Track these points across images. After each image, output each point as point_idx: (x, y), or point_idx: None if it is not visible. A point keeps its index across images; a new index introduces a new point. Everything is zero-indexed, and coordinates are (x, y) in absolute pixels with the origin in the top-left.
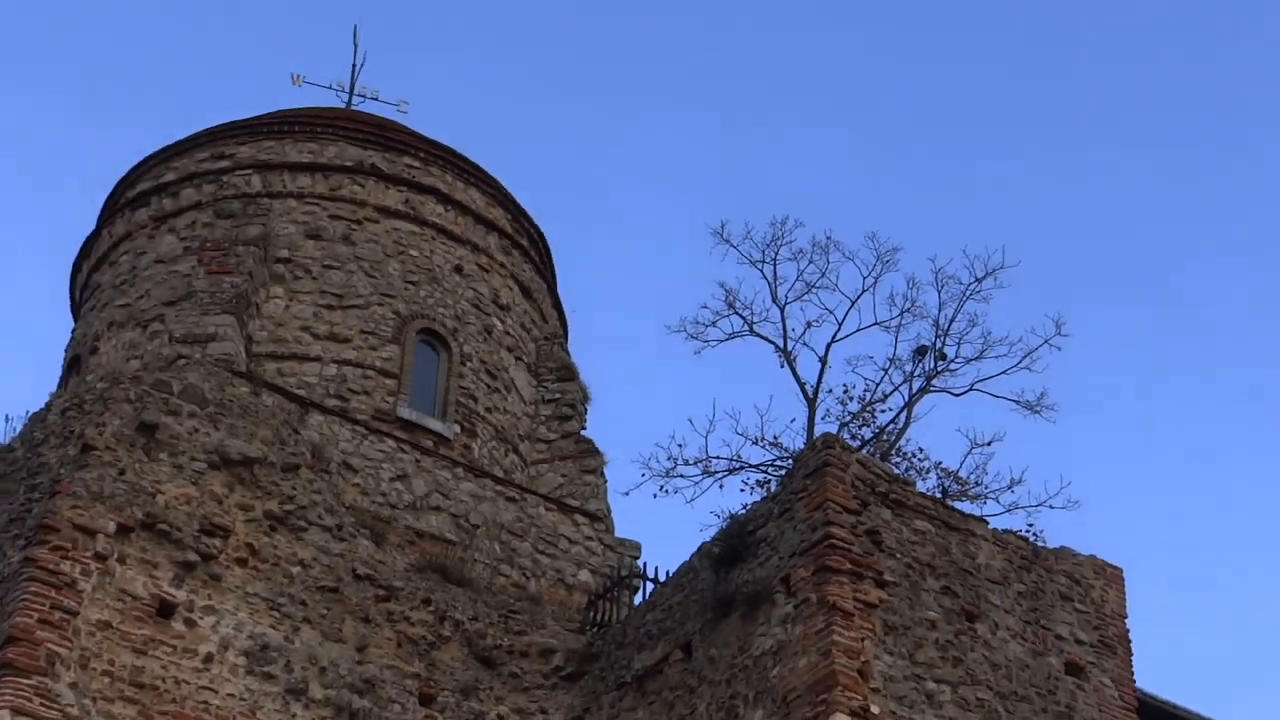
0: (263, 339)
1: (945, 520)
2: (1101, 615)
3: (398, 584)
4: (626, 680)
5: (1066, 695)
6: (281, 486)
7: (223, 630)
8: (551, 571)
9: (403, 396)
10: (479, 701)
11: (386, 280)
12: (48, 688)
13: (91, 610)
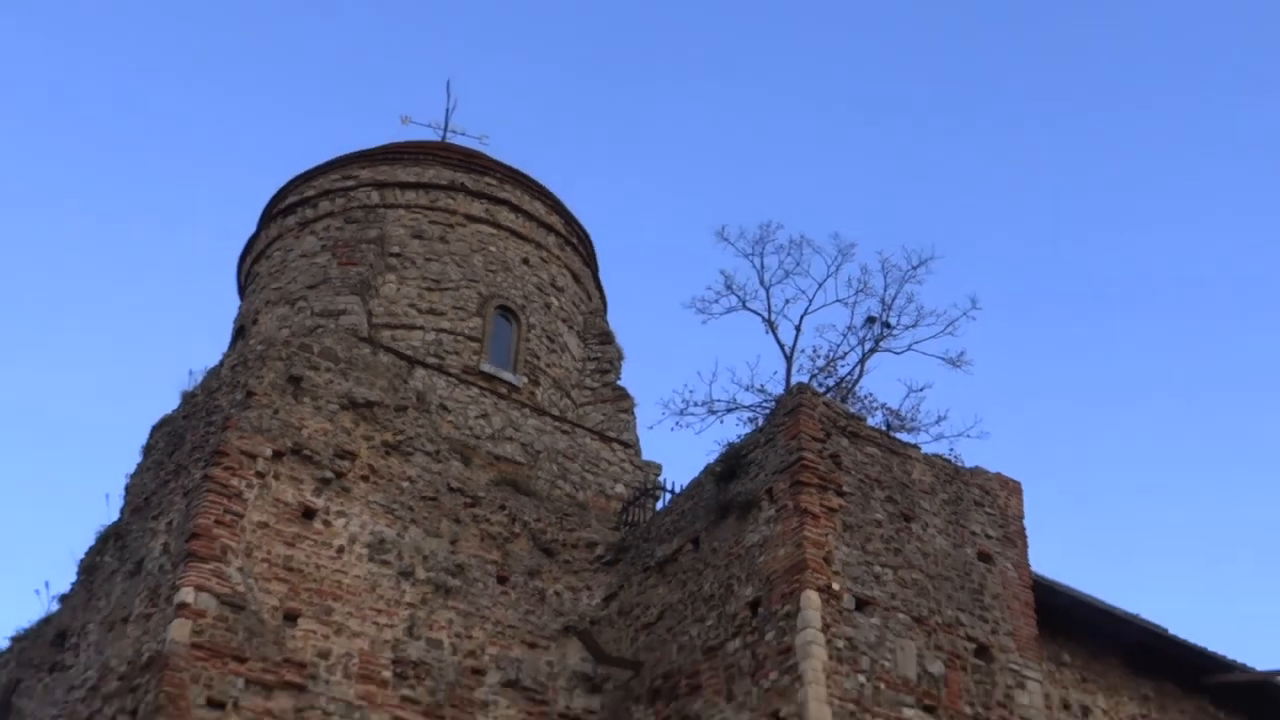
0: (379, 313)
1: (888, 447)
2: (1005, 517)
3: (480, 494)
4: (650, 565)
5: (979, 577)
6: (394, 422)
7: (351, 528)
8: (595, 485)
9: (484, 355)
10: (541, 581)
11: (471, 270)
12: (221, 571)
13: (253, 514)
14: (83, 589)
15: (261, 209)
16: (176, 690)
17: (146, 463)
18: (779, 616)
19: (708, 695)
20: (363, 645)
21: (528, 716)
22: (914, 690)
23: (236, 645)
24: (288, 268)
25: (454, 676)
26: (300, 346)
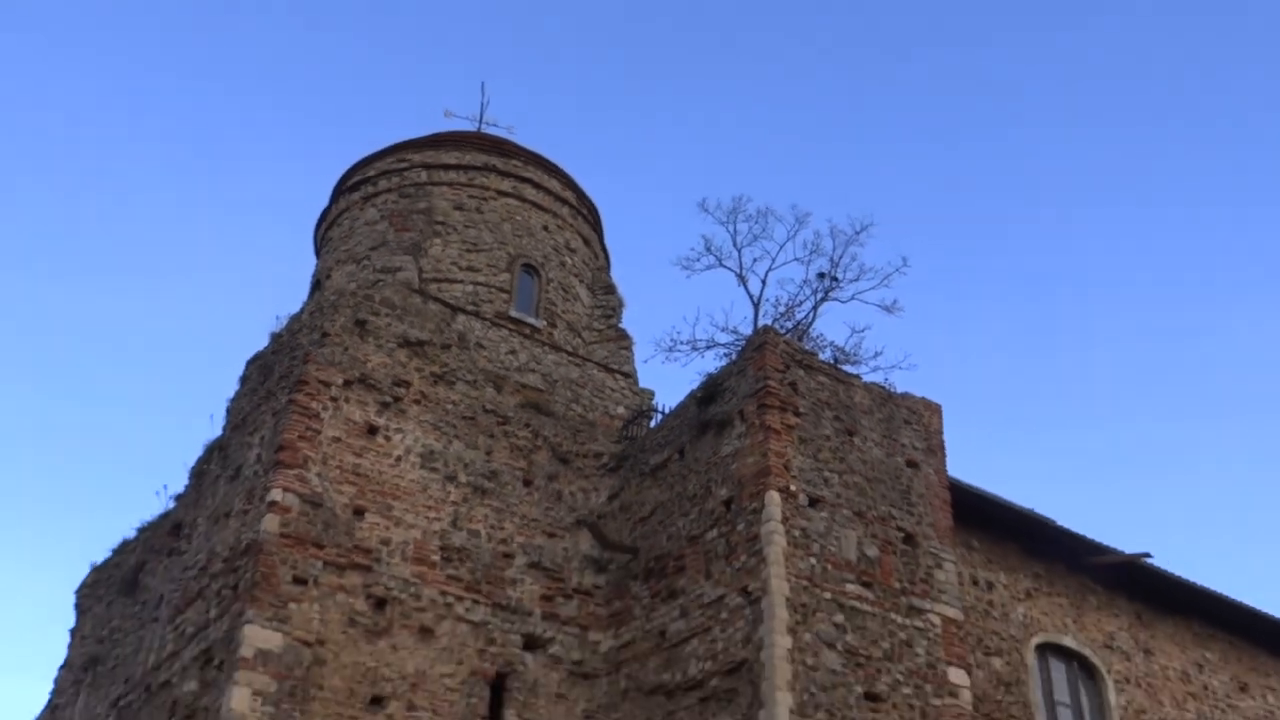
0: (428, 270)
1: (835, 376)
2: (928, 433)
3: (509, 415)
4: (646, 471)
5: (906, 480)
6: (440, 357)
7: (406, 442)
8: (601, 408)
9: (512, 303)
10: (558, 484)
11: (501, 235)
12: (303, 476)
13: (328, 430)
14: (193, 490)
15: (332, 186)
16: (268, 570)
17: (243, 390)
18: (748, 511)
19: (691, 574)
20: (416, 535)
21: (547, 591)
22: (854, 569)
23: (315, 534)
24: (354, 233)
25: (489, 559)
26: (365, 297)
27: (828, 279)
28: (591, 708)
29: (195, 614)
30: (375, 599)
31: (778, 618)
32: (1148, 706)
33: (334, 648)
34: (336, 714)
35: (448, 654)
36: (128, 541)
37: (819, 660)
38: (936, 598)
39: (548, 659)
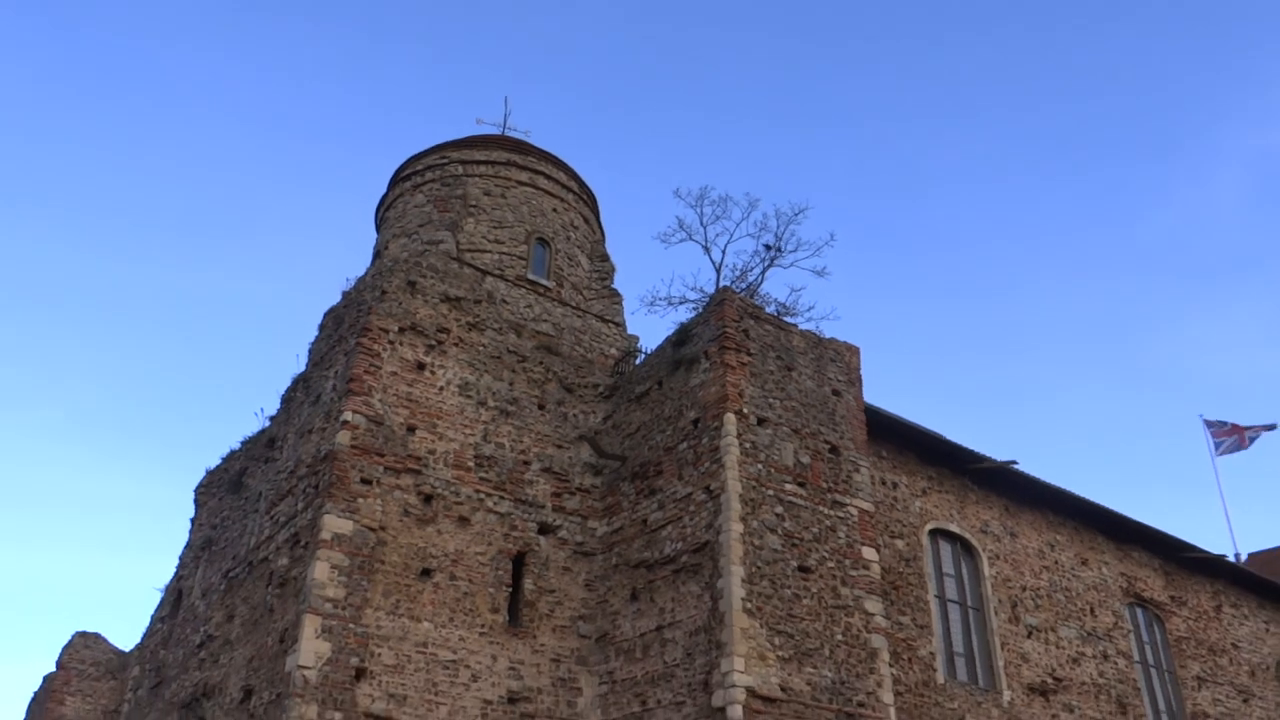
0: (463, 243)
1: (778, 325)
2: (849, 368)
3: (527, 354)
4: (633, 397)
5: (832, 404)
6: (474, 309)
7: (447, 375)
8: (598, 349)
9: (529, 268)
10: (566, 407)
11: (520, 215)
12: (368, 401)
13: (386, 366)
14: (283, 412)
15: (389, 177)
16: (342, 473)
17: (320, 335)
18: (710, 429)
19: (667, 476)
20: (455, 446)
21: (557, 489)
22: (792, 473)
23: (378, 446)
24: (406, 214)
25: (511, 465)
26: (414, 263)
27: (773, 250)
28: (590, 578)
29: (286, 507)
30: (424, 495)
31: (733, 509)
32: (1012, 576)
33: (393, 532)
34: (395, 582)
35: (480, 537)
36: (234, 451)
37: (764, 542)
38: (854, 494)
39: (557, 541)
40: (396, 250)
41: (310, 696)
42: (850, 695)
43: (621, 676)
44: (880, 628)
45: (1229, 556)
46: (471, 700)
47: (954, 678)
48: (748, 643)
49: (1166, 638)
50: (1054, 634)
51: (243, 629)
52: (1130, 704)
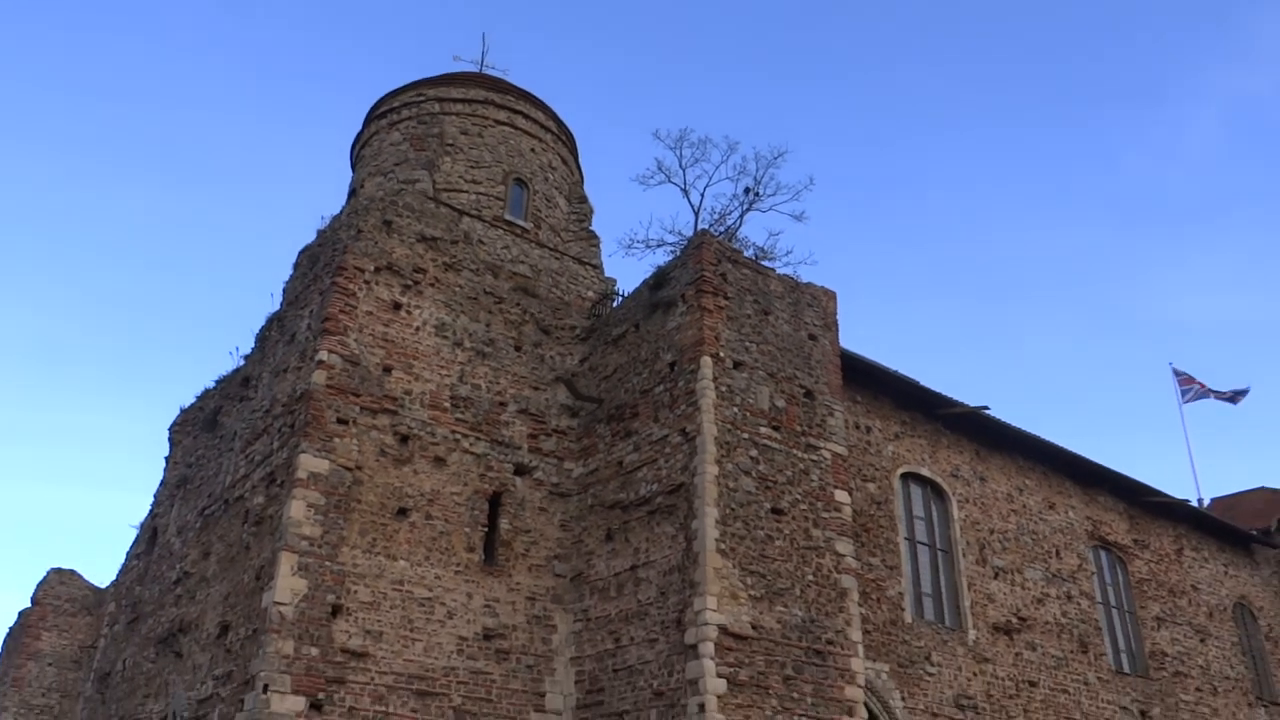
0: (440, 182)
1: (756, 269)
2: (825, 313)
3: (504, 296)
4: (609, 340)
5: (808, 349)
6: (450, 250)
7: (423, 316)
8: (575, 291)
9: (506, 209)
10: (543, 349)
11: (498, 155)
12: (344, 341)
13: (362, 305)
14: (258, 351)
15: (365, 114)
16: (317, 412)
17: (295, 274)
18: (687, 372)
19: (643, 419)
20: (431, 387)
21: (533, 431)
22: (767, 416)
23: (354, 386)
24: (382, 152)
25: (488, 406)
26: (390, 202)
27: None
28: (566, 518)
29: (262, 446)
30: (400, 435)
31: (708, 452)
32: (980, 519)
33: (369, 472)
34: (371, 521)
35: (456, 477)
36: (208, 390)
37: (738, 484)
38: (828, 438)
39: (533, 482)
40: (372, 189)
41: (287, 632)
42: (819, 633)
43: (596, 614)
44: (850, 568)
45: (1192, 501)
46: (447, 637)
47: (921, 617)
48: (720, 582)
49: (1129, 579)
50: (1020, 575)
51: (219, 566)
52: (1091, 643)
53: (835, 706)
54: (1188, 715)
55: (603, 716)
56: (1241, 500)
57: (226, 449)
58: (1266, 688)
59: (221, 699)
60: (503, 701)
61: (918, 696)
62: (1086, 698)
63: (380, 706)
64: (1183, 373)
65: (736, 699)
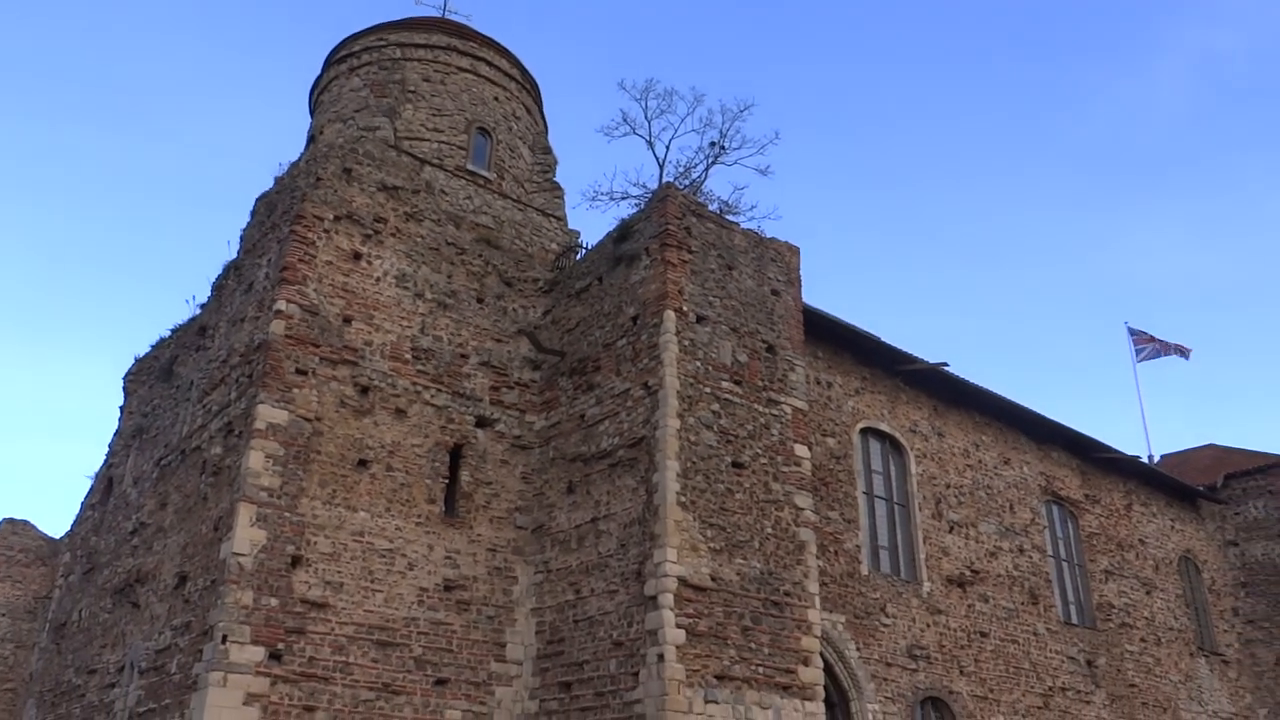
0: (402, 130)
1: (720, 223)
2: (788, 269)
3: (467, 247)
4: (573, 293)
5: (771, 304)
6: (411, 200)
7: (384, 266)
8: (538, 243)
9: (469, 158)
10: (505, 301)
11: (461, 103)
12: (303, 290)
13: (321, 255)
14: (215, 300)
15: (324, 58)
16: (275, 362)
17: (253, 222)
18: (650, 325)
19: (605, 372)
20: (392, 338)
21: (495, 383)
22: (729, 371)
23: (313, 336)
24: (341, 98)
25: (449, 358)
26: (350, 149)
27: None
28: (527, 471)
29: (219, 395)
30: (361, 386)
31: (670, 405)
32: (937, 474)
33: (329, 423)
34: (331, 472)
35: (417, 429)
36: (164, 339)
37: (699, 438)
38: (789, 393)
39: (494, 434)
40: (332, 136)
41: (246, 583)
42: (777, 585)
43: (556, 566)
44: (809, 522)
45: (1143, 458)
46: (408, 588)
47: (877, 569)
48: (680, 534)
49: (1079, 533)
50: (974, 529)
51: (176, 516)
52: (1041, 595)
53: (792, 656)
54: (1132, 665)
55: (562, 667)
56: (1190, 457)
57: (183, 399)
58: (1208, 638)
59: (180, 649)
60: (463, 652)
61: (872, 647)
62: (1035, 648)
63: (340, 657)
64: (1138, 331)
65: (695, 649)
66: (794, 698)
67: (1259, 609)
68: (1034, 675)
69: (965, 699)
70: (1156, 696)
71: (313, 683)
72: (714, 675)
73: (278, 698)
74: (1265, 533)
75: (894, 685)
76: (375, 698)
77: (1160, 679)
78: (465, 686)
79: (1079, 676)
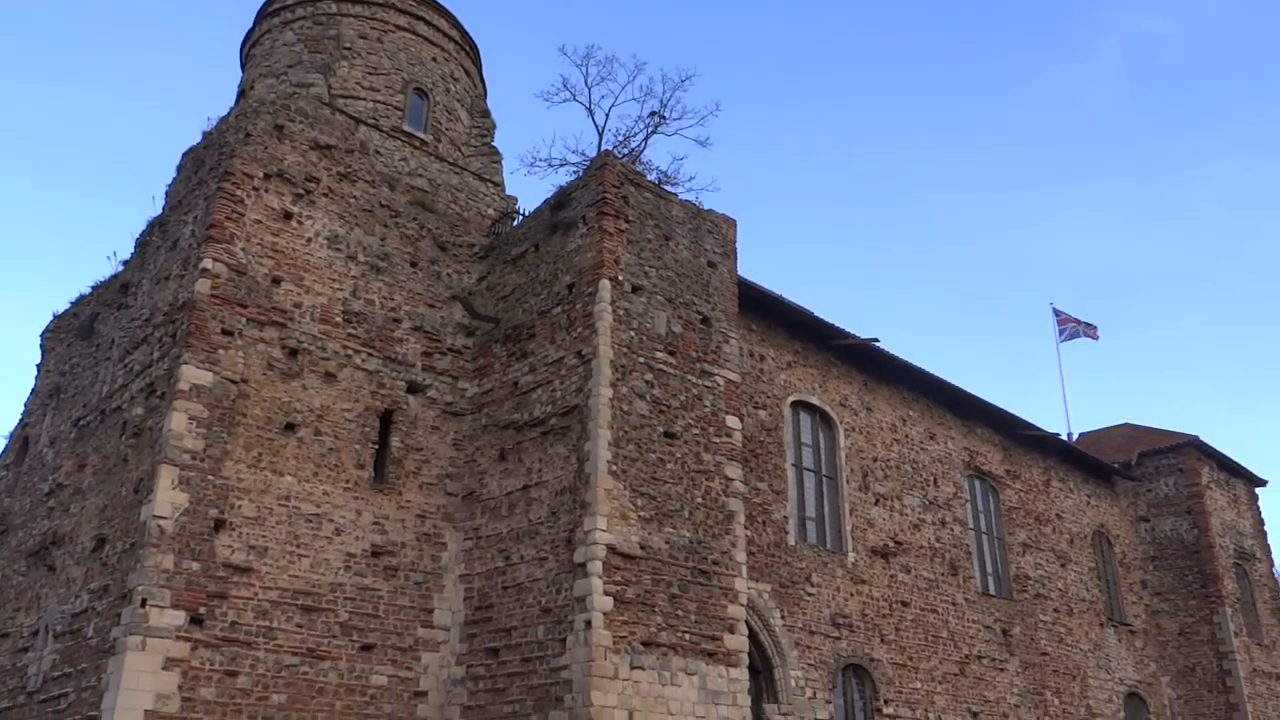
0: (336, 88)
1: (658, 194)
2: (725, 241)
3: (401, 210)
4: (508, 259)
5: (707, 276)
6: (345, 159)
7: (315, 227)
8: (474, 208)
9: (405, 119)
10: (439, 266)
11: (398, 62)
12: (230, 249)
13: (250, 214)
14: (138, 257)
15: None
16: (200, 322)
17: (179, 177)
18: (585, 294)
19: (539, 340)
20: (323, 301)
21: (427, 349)
22: (663, 341)
23: (240, 296)
24: (274, 52)
25: (381, 323)
26: (282, 105)
27: (657, 116)
28: (459, 437)
29: (141, 355)
30: (289, 349)
31: (603, 374)
32: (865, 447)
33: (255, 385)
34: (257, 436)
35: (347, 394)
36: (84, 296)
37: (632, 407)
38: (722, 364)
39: (426, 400)
40: (263, 91)
41: (166, 546)
42: (705, 554)
43: (486, 533)
44: (738, 492)
45: (1062, 435)
46: (335, 553)
47: (804, 540)
48: (611, 503)
49: (999, 507)
50: (899, 502)
51: (95, 478)
52: (961, 566)
53: (717, 624)
54: (1045, 634)
55: (490, 633)
56: (1107, 435)
57: (103, 358)
58: (1117, 610)
59: (97, 613)
60: (390, 617)
61: (797, 615)
62: (954, 617)
63: (264, 622)
64: (1062, 312)
65: (622, 616)
66: (719, 664)
67: (1165, 582)
68: (951, 644)
69: (885, 666)
70: (1066, 664)
71: (235, 647)
72: (641, 642)
73: (199, 662)
74: (1174, 509)
75: (817, 653)
76: (299, 663)
77: (1071, 648)
78: (392, 652)
79: (994, 645)
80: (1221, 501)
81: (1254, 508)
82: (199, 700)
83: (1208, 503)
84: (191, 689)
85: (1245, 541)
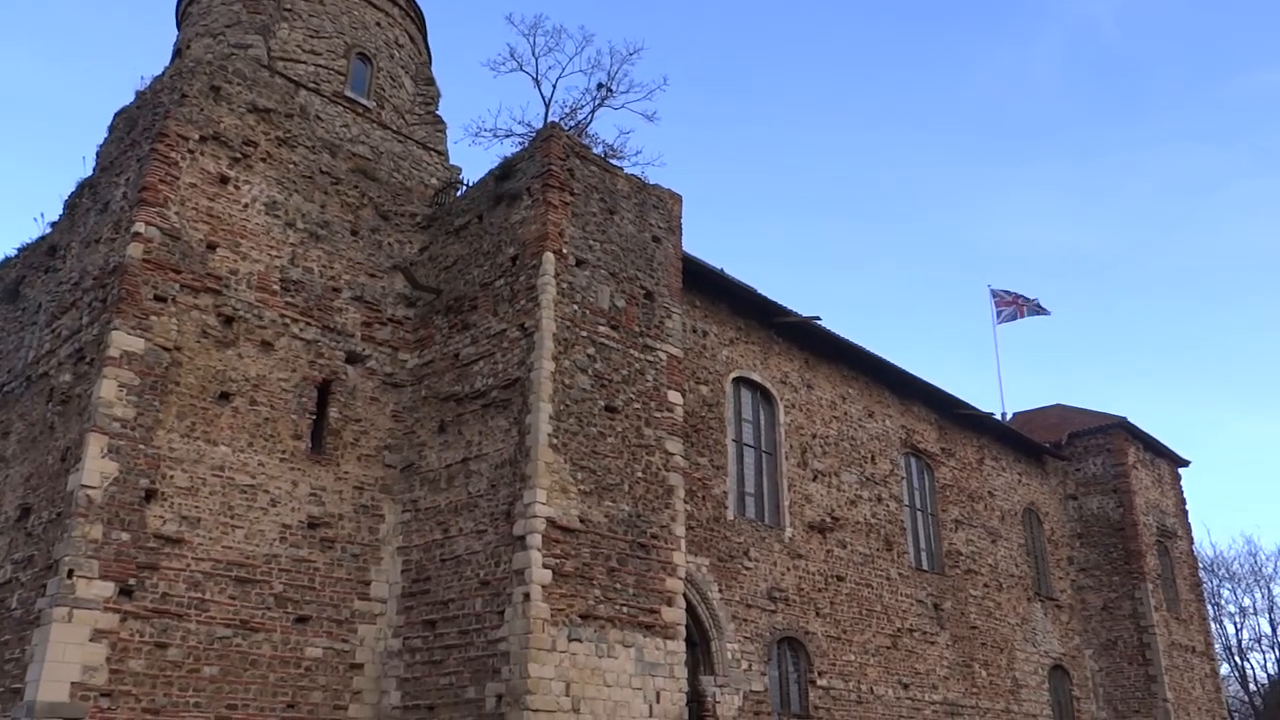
0: (276, 50)
1: (604, 167)
2: (670, 216)
3: (342, 177)
4: (451, 230)
5: (651, 251)
6: (284, 124)
7: (253, 192)
8: (418, 178)
9: (348, 85)
10: (380, 235)
11: (341, 26)
12: (163, 213)
13: (185, 177)
14: (67, 219)
15: None
16: (132, 288)
17: (111, 138)
18: (528, 267)
19: (481, 312)
20: (260, 268)
21: (367, 319)
22: (606, 315)
23: (174, 262)
24: (212, 11)
25: (320, 292)
26: (220, 66)
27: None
28: (398, 409)
29: (70, 320)
30: (224, 317)
31: (545, 348)
32: (805, 424)
33: (189, 353)
34: (190, 405)
35: (284, 363)
36: (9, 258)
37: (574, 381)
38: (665, 339)
39: (365, 370)
40: (200, 51)
41: (95, 516)
42: (645, 528)
43: (425, 505)
44: (679, 467)
45: (997, 415)
46: (270, 524)
47: (743, 515)
48: (551, 476)
49: (934, 484)
50: (837, 478)
51: (19, 446)
52: (895, 542)
53: (655, 597)
54: (975, 608)
55: (427, 605)
56: (1039, 416)
57: (29, 322)
58: (1044, 585)
59: (21, 584)
60: (326, 589)
61: (734, 589)
62: (888, 591)
63: (196, 593)
64: (1000, 293)
65: (561, 589)
66: (656, 636)
67: (1091, 558)
68: (885, 617)
69: (820, 639)
70: (995, 638)
71: (166, 619)
72: (578, 614)
73: (128, 634)
74: (1101, 488)
75: (753, 626)
76: (232, 635)
77: (999, 621)
78: (327, 624)
79: (926, 619)
80: (1146, 481)
81: (1177, 487)
82: (128, 672)
83: (1133, 482)
84: (120, 661)
85: (1167, 520)
